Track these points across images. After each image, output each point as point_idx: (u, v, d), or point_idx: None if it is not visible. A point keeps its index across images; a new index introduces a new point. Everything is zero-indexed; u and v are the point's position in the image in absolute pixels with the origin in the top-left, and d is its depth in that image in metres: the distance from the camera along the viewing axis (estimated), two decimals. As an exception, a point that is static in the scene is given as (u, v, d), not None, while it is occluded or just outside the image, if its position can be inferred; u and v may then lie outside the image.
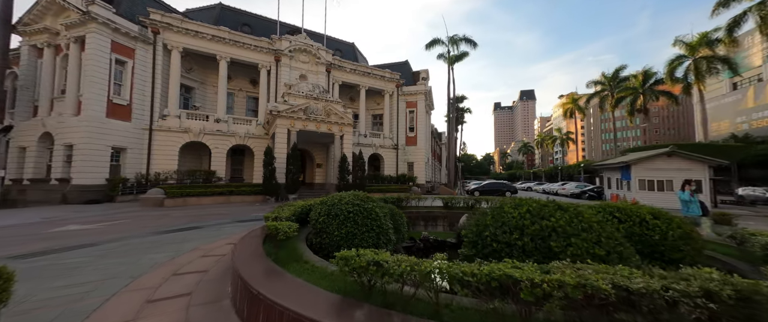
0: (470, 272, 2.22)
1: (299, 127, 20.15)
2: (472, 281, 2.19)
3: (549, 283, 1.99)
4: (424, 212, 10.76)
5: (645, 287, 1.88)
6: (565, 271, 2.19)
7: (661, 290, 1.86)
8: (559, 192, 29.19)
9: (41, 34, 18.04)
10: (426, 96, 32.34)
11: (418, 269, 2.37)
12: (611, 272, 2.18)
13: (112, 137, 17.69)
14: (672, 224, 4.31)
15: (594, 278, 1.99)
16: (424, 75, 33.07)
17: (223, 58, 22.76)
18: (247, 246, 4.33)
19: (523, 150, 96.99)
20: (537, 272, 2.15)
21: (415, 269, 2.38)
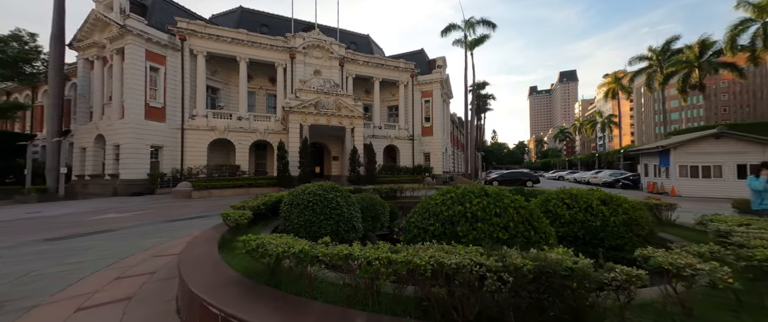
0: (323, 253, 2.48)
1: (311, 121, 20.95)
2: (325, 260, 2.50)
3: (380, 261, 2.16)
4: (417, 201, 10.80)
5: (457, 263, 1.99)
6: (417, 252, 2.29)
7: (472, 266, 1.97)
8: (591, 181, 27.03)
9: (91, 49, 20.74)
10: (442, 84, 31.41)
11: (292, 251, 2.63)
12: (463, 252, 2.23)
13: (151, 137, 20.00)
14: (618, 210, 4.14)
15: (423, 258, 2.11)
16: (439, 63, 32.04)
17: (243, 58, 24.22)
18: (208, 233, 4.87)
19: (560, 137, 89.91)
20: (387, 253, 2.28)
21: (288, 251, 2.65)
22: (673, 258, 2.19)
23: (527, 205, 3.71)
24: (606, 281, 1.95)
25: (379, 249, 2.40)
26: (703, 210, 5.79)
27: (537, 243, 3.31)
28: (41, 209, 12.43)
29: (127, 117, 18.94)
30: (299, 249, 2.56)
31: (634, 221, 4.11)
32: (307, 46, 26.16)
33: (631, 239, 3.96)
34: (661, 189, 17.33)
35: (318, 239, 3.28)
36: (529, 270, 1.95)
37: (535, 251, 2.26)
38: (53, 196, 15.49)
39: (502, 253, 2.17)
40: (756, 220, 3.84)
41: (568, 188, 4.75)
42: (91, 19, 20.03)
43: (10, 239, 6.69)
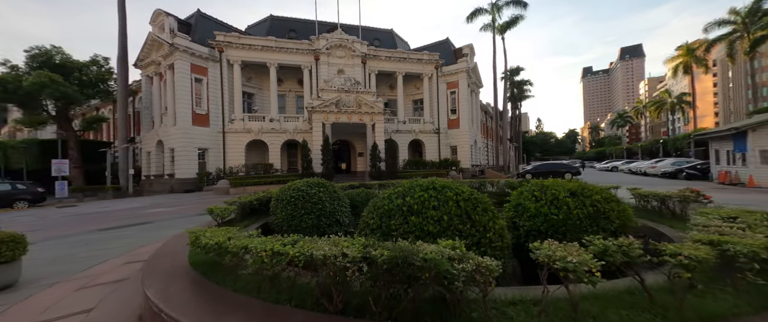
0: (232, 246, 2.76)
1: (332, 120, 21.77)
2: (233, 251, 2.76)
3: (266, 252, 2.37)
4: None
5: (324, 254, 2.11)
6: (305, 245, 2.45)
7: (336, 257, 2.07)
8: (648, 172, 23.66)
9: (150, 67, 24.18)
10: (469, 74, 29.95)
11: (210, 244, 2.98)
12: (346, 244, 2.34)
13: (198, 140, 22.74)
14: (586, 202, 3.71)
15: (301, 250, 2.28)
16: (466, 51, 30.52)
17: (272, 64, 26.00)
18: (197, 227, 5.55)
19: (619, 122, 78.98)
20: (277, 246, 2.48)
21: (209, 244, 2.99)
22: (553, 252, 2.03)
23: (478, 198, 3.60)
24: (455, 272, 1.89)
25: (277, 242, 2.60)
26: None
27: (470, 236, 3.21)
28: (112, 204, 15.13)
29: (177, 124, 21.79)
30: (215, 242, 2.89)
31: (603, 214, 3.71)
32: (330, 46, 27.03)
33: (596, 234, 3.59)
34: (736, 179, 14.46)
35: (299, 233, 3.52)
36: (384, 260, 1.98)
37: (420, 242, 2.26)
38: (124, 193, 18.71)
39: (375, 245, 2.22)
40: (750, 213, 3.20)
41: (563, 181, 4.36)
42: (149, 40, 23.29)
43: (76, 229, 8.38)
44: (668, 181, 19.20)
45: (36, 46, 18.97)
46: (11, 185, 14.19)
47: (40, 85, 17.07)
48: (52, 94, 17.74)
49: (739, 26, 27.94)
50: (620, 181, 21.46)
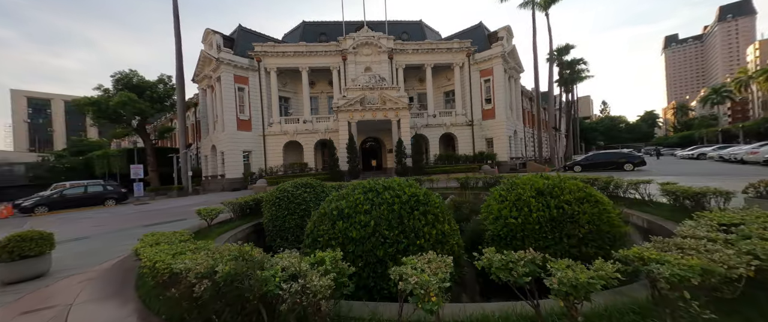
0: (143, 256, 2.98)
1: (358, 118, 22.13)
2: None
3: (150, 262, 2.52)
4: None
5: (183, 268, 2.15)
6: (182, 257, 2.54)
7: (191, 269, 2.09)
8: (746, 159, 18.93)
9: (204, 80, 27.64)
10: (505, 59, 27.47)
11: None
12: (217, 256, 2.36)
13: (242, 144, 25.33)
14: (551, 203, 3.18)
15: (175, 263, 2.35)
16: (501, 34, 28.01)
17: (303, 68, 27.47)
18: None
19: (714, 99, 64.14)
20: (168, 258, 2.62)
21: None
22: (402, 270, 1.74)
23: (426, 200, 3.34)
24: (280, 293, 1.74)
25: (168, 254, 2.73)
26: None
27: (397, 243, 2.97)
28: (174, 201, 17.82)
29: (225, 130, 24.55)
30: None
31: (570, 217, 3.06)
32: (356, 45, 27.42)
33: (560, 241, 2.97)
34: None
35: (284, 233, 3.66)
36: (222, 276, 1.93)
37: (290, 254, 2.16)
38: (186, 192, 21.93)
39: (226, 259, 2.17)
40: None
41: (550, 176, 3.81)
42: (202, 57, 26.60)
43: (132, 223, 10.08)
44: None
45: (119, 71, 23.29)
46: (102, 187, 17.81)
47: (122, 104, 20.90)
48: (131, 111, 21.56)
49: None
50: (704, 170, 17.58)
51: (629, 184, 5.89)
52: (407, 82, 31.70)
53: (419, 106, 31.51)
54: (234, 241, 5.19)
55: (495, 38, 28.75)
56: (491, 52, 27.40)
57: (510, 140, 28.26)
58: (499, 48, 27.15)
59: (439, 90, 31.70)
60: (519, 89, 32.60)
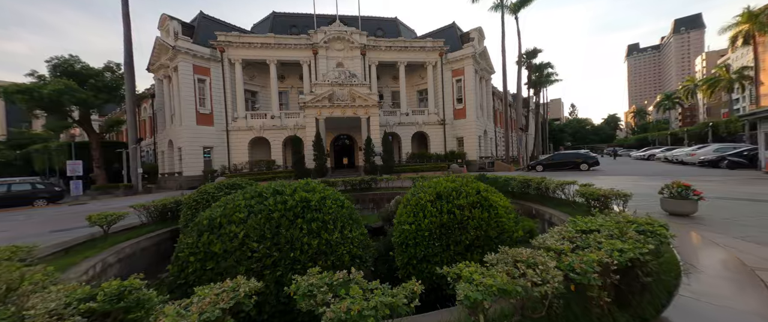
0: None
1: (326, 114, 21.43)
2: None
3: None
4: (390, 193, 10.33)
5: None
6: None
7: None
8: (686, 160, 20.56)
9: (160, 70, 25.54)
10: (475, 60, 27.86)
11: None
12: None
13: (202, 139, 23.74)
14: (444, 208, 2.99)
15: None
16: (473, 35, 28.38)
17: (272, 61, 26.19)
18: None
19: (666, 105, 69.77)
20: None
21: None
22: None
23: (318, 206, 2.96)
24: None
25: None
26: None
27: (267, 256, 2.58)
28: (116, 201, 16.23)
29: (183, 123, 22.86)
30: None
31: (459, 223, 2.85)
32: (328, 39, 26.57)
33: (446, 249, 2.75)
34: None
35: None
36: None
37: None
38: (135, 191, 20.15)
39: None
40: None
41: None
42: (157, 45, 24.52)
43: (42, 229, 8.89)
44: (708, 170, 16.32)
45: (56, 56, 20.84)
46: (32, 185, 15.82)
47: (58, 92, 18.70)
48: (70, 100, 19.38)
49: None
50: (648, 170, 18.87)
51: (557, 185, 5.93)
52: (381, 79, 31.33)
53: (393, 104, 31.29)
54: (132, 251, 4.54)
55: (467, 39, 29.08)
56: (463, 52, 27.66)
57: (480, 140, 28.82)
58: (470, 49, 27.47)
59: (413, 88, 31.66)
60: (490, 90, 33.31)
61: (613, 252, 1.71)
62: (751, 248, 4.02)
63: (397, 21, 33.34)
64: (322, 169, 20.13)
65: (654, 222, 2.34)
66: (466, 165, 26.60)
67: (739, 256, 3.74)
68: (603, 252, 1.69)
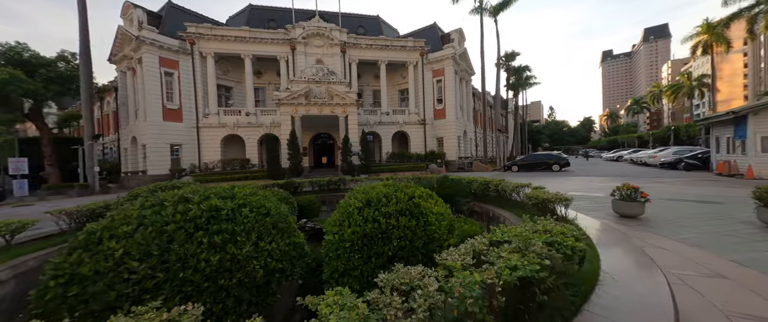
0: None
1: (302, 112, 20.79)
2: None
3: None
4: None
5: None
6: None
7: None
8: (648, 161, 21.65)
9: (123, 61, 23.86)
10: (455, 60, 28.05)
11: None
12: None
13: (170, 136, 22.40)
14: (369, 217, 2.79)
15: None
16: (453, 36, 28.55)
17: (247, 55, 25.13)
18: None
19: (635, 109, 74.03)
20: None
21: None
22: None
23: (226, 214, 2.62)
24: None
25: None
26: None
27: (145, 279, 2.20)
28: (67, 202, 14.90)
29: (148, 119, 21.45)
30: None
31: (384, 232, 2.63)
32: (306, 35, 25.83)
33: (368, 259, 2.52)
34: (734, 169, 12.67)
35: None
36: None
37: None
38: (91, 190, 18.64)
39: None
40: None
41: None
42: (119, 34, 22.85)
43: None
44: (666, 172, 17.27)
45: (0, 43, 18.89)
46: (-35, 185, 14.21)
47: (3, 82, 16.94)
48: (16, 91, 17.62)
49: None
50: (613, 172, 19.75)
51: (513, 187, 5.89)
52: (363, 78, 30.93)
53: (374, 103, 30.98)
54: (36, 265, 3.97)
55: (448, 40, 29.23)
56: (443, 53, 27.76)
57: (459, 140, 29.08)
58: (450, 49, 27.60)
59: (394, 88, 31.48)
60: (470, 91, 33.71)
61: (505, 270, 1.53)
62: (681, 249, 4.12)
63: (379, 19, 33.00)
64: (298, 168, 19.50)
65: (568, 231, 2.21)
66: (446, 165, 26.79)
67: (669, 258, 3.82)
68: (492, 271, 1.50)
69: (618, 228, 5.03)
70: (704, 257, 3.79)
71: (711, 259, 3.74)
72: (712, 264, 3.57)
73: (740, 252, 3.97)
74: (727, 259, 3.73)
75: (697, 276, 3.26)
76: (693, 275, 3.30)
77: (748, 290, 2.93)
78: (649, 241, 4.55)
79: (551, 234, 2.14)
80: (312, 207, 8.79)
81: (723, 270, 3.38)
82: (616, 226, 5.24)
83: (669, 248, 4.24)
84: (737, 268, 3.47)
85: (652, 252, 3.95)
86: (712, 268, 3.46)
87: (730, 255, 3.86)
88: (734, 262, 3.63)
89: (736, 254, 3.91)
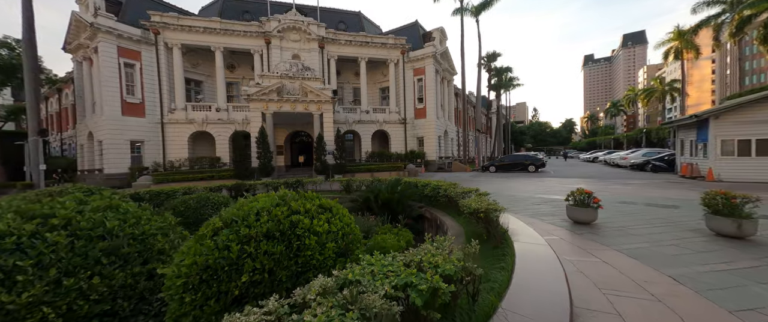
0: None
1: (273, 109, 19.80)
2: None
3: None
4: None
5: None
6: None
7: None
8: (620, 163, 22.07)
9: (78, 51, 22.03)
10: (436, 59, 27.70)
11: None
12: None
13: (130, 132, 20.86)
14: (219, 243, 2.10)
15: None
16: (435, 35, 28.18)
17: (217, 48, 23.79)
18: None
19: (612, 112, 76.67)
20: None
21: None
22: None
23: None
24: None
25: None
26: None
27: None
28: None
29: (104, 113, 19.87)
30: None
31: (234, 263, 2.00)
32: (282, 29, 24.74)
33: (194, 307, 1.90)
34: (696, 172, 12.88)
35: None
36: None
37: None
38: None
39: None
40: None
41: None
42: (74, 21, 21.04)
43: None
44: (635, 173, 17.56)
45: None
46: None
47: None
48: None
49: (727, 6, 25.59)
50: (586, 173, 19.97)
51: (461, 192, 5.47)
52: (343, 74, 30.12)
53: (354, 101, 30.25)
54: None
55: (429, 38, 28.84)
56: (424, 51, 27.34)
57: (439, 140, 28.81)
58: (431, 48, 27.21)
59: (376, 86, 30.84)
60: (452, 91, 33.52)
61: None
62: (620, 262, 3.81)
63: (360, 15, 32.20)
64: (267, 168, 18.54)
65: (449, 264, 1.70)
66: (426, 165, 26.48)
67: (604, 273, 3.48)
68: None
69: (558, 240, 4.69)
70: (641, 273, 3.46)
71: (648, 274, 3.42)
72: (648, 281, 3.22)
73: (680, 265, 3.69)
74: (665, 274, 3.41)
75: (627, 298, 2.87)
76: (623, 296, 2.92)
77: (678, 317, 2.54)
78: (593, 252, 4.25)
79: (420, 268, 1.60)
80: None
81: (657, 290, 3.02)
82: (561, 236, 4.93)
83: (609, 260, 3.91)
84: (672, 285, 3.13)
85: (587, 268, 3.61)
86: (646, 287, 3.10)
87: (669, 269, 3.56)
88: (671, 278, 3.30)
89: (675, 267, 3.61)
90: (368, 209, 5.92)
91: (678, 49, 35.82)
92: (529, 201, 8.83)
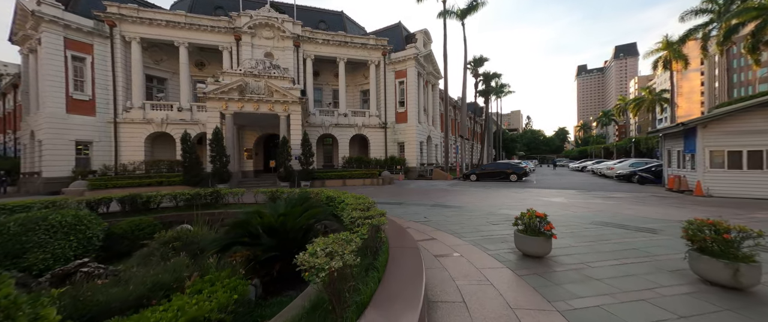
0: None
1: (234, 109, 18.09)
2: None
3: None
4: (232, 211, 7.68)
5: None
6: None
7: None
8: (606, 173, 20.78)
9: (24, 42, 20.13)
10: (419, 62, 26.36)
11: None
12: None
13: (76, 132, 18.89)
14: None
15: None
16: (418, 36, 26.92)
17: (182, 43, 22.12)
18: None
19: (604, 121, 76.46)
20: None
21: None
22: None
23: None
24: None
25: None
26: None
27: None
28: None
29: (44, 110, 17.94)
30: None
31: None
32: (254, 25, 23.20)
33: None
34: (684, 185, 11.52)
35: None
36: None
37: None
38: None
39: None
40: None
41: None
42: (18, 9, 19.21)
43: None
44: (621, 185, 16.21)
45: None
46: None
47: None
48: None
49: (714, 15, 24.88)
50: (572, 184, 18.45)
51: (348, 215, 3.83)
52: (322, 75, 28.61)
53: (333, 104, 28.68)
54: None
55: (412, 40, 27.58)
56: (406, 53, 26.00)
57: (422, 146, 27.31)
58: (413, 50, 25.89)
59: (356, 88, 29.35)
60: (436, 95, 32.19)
61: None
62: None
63: (343, 15, 30.89)
64: (222, 173, 16.71)
65: None
66: (406, 172, 24.89)
67: None
68: None
69: (484, 291, 3.06)
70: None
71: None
72: None
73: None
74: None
75: None
76: None
77: None
78: (528, 318, 2.65)
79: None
80: (144, 234, 6.27)
81: None
82: (495, 280, 3.35)
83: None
84: None
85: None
86: None
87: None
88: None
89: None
90: (252, 238, 4.25)
91: (667, 58, 35.16)
92: (488, 219, 7.30)
